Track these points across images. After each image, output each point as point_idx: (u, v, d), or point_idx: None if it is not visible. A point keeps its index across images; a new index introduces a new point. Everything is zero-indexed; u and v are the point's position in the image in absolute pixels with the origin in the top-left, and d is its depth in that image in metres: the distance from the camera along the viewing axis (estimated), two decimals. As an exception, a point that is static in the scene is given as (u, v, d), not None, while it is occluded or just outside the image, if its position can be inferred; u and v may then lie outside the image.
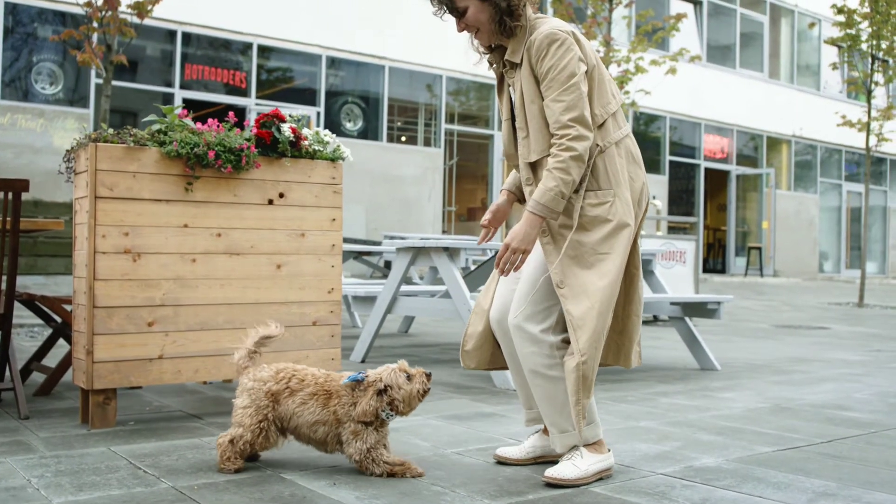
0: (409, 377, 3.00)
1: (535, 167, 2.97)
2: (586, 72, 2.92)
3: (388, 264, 10.92)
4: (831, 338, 8.90)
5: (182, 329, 3.79)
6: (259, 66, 15.14)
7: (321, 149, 4.20)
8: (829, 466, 3.21)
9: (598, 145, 2.93)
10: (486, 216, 3.20)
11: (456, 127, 17.90)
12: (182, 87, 14.19)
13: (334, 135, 4.30)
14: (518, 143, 3.02)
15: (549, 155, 2.88)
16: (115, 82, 12.41)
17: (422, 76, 17.31)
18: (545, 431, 3.19)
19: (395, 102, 17.01)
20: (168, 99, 14.06)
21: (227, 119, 4.00)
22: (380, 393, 2.96)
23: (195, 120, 3.96)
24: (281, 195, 4.06)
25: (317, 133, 4.21)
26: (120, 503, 2.60)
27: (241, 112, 14.37)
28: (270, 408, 2.99)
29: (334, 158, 4.25)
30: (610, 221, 2.90)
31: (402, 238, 10.00)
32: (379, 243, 10.07)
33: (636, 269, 3.07)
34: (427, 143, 17.55)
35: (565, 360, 2.85)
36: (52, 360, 5.32)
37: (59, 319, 4.73)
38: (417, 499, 2.70)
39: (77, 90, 13.41)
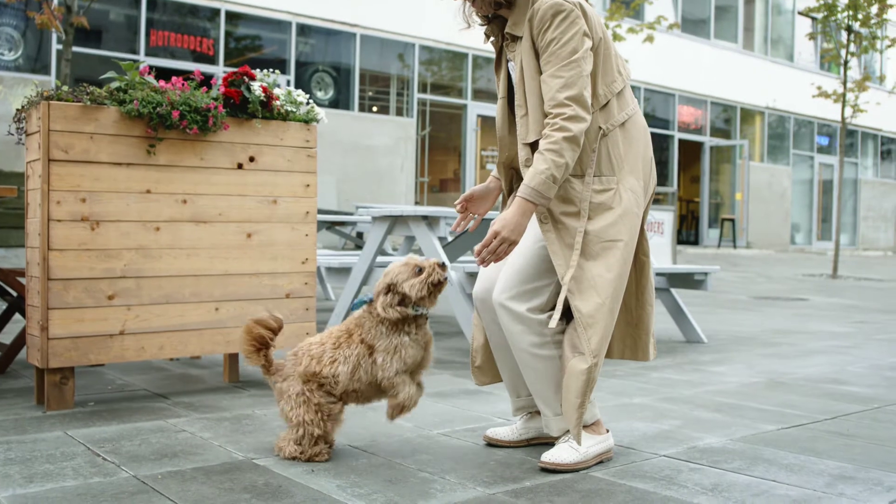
0: (420, 269, 2.69)
1: (534, 148, 2.69)
2: (592, 47, 2.66)
3: (360, 235, 10.66)
4: (811, 309, 8.78)
5: (145, 302, 3.52)
6: (227, 34, 14.72)
7: (294, 110, 3.93)
8: (839, 446, 3.01)
9: (600, 128, 2.69)
10: (462, 199, 2.92)
11: (429, 96, 17.58)
12: (148, 54, 13.75)
13: (308, 95, 4.03)
14: (516, 121, 2.76)
15: None
16: (78, 49, 11.98)
17: (394, 45, 16.96)
18: (536, 413, 2.97)
19: (367, 71, 16.65)
20: (132, 66, 13.59)
21: (192, 76, 3.72)
22: (388, 290, 2.68)
23: (158, 78, 3.67)
24: (251, 159, 3.79)
25: (289, 93, 3.93)
26: (74, 496, 2.34)
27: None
28: (314, 392, 2.71)
29: (308, 120, 3.97)
30: (613, 209, 2.67)
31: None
32: (351, 214, 9.80)
33: (645, 256, 2.84)
34: (399, 112, 17.23)
35: (573, 362, 2.62)
36: (7, 336, 5.02)
37: (14, 293, 4.43)
38: (404, 486, 2.47)
39: (38, 58, 12.95)
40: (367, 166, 16.22)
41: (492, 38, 2.86)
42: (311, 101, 4.04)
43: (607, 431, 2.80)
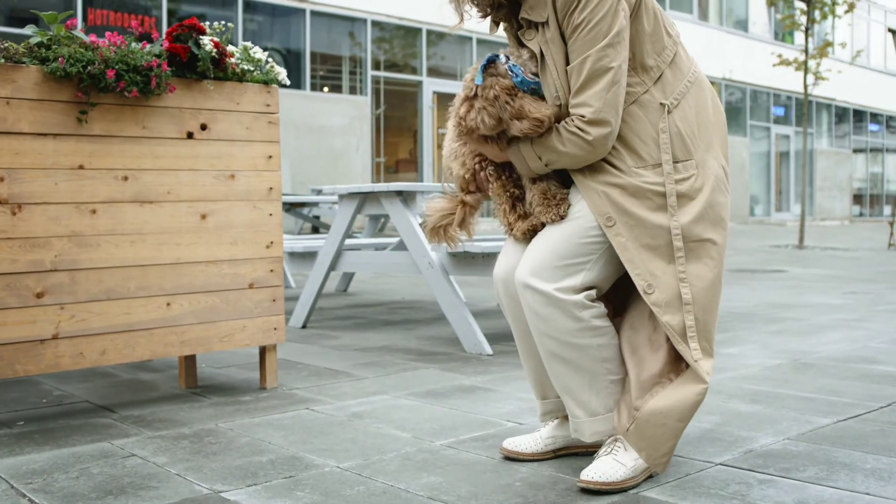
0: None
1: None
2: (631, 13, 2.14)
3: (317, 218, 10.10)
4: (795, 280, 8.42)
5: (82, 300, 2.95)
6: (170, 12, 13.96)
7: (252, 69, 3.37)
8: (915, 441, 2.56)
9: (662, 104, 2.19)
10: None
11: (383, 73, 16.97)
12: (85, 33, 12.93)
13: (266, 52, 3.47)
14: None
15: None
16: (8, 30, 11.20)
17: (345, 20, 16.30)
18: (564, 418, 2.47)
19: (318, 48, 15.99)
20: (69, 47, 12.81)
21: (130, 29, 3.14)
22: (468, 99, 2.21)
23: (88, 33, 3.08)
24: (203, 127, 3.22)
25: (245, 49, 3.37)
26: (-11, 558, 1.79)
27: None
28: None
29: (268, 81, 3.42)
30: (696, 200, 2.19)
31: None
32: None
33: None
34: (353, 91, 16.61)
35: (684, 380, 2.20)
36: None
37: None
38: (415, 522, 1.96)
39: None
40: (321, 147, 15.59)
41: (504, 25, 2.33)
42: (270, 59, 3.48)
43: (653, 438, 2.31)
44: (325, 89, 16.25)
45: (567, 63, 2.15)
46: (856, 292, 7.27)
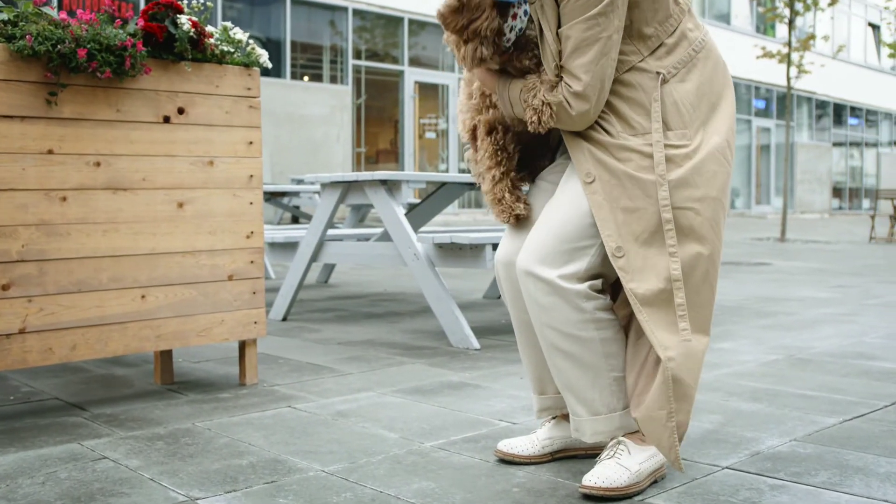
0: None
1: None
2: None
3: (297, 208, 9.94)
4: (780, 273, 8.34)
5: (51, 292, 2.79)
6: (146, 1, 13.72)
7: (231, 50, 3.21)
8: (926, 443, 2.46)
9: (658, 73, 2.05)
10: None
11: (364, 63, 16.78)
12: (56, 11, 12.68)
13: (247, 33, 3.31)
14: None
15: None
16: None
17: (326, 9, 16.09)
18: (563, 417, 2.34)
19: (299, 37, 15.77)
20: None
21: (104, 6, 2.98)
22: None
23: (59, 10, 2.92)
24: (180, 111, 3.07)
25: (225, 29, 3.21)
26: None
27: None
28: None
29: (249, 63, 3.26)
30: (683, 166, 2.03)
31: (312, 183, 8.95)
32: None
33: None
34: (334, 80, 16.41)
35: (692, 342, 2.04)
36: None
37: None
38: (408, 532, 1.83)
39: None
40: (301, 137, 15.40)
41: None
42: (252, 41, 3.33)
43: (659, 441, 2.19)
44: (306, 78, 16.04)
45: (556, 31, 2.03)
46: (843, 286, 7.20)
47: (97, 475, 2.20)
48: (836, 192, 30.55)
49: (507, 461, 2.30)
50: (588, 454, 2.32)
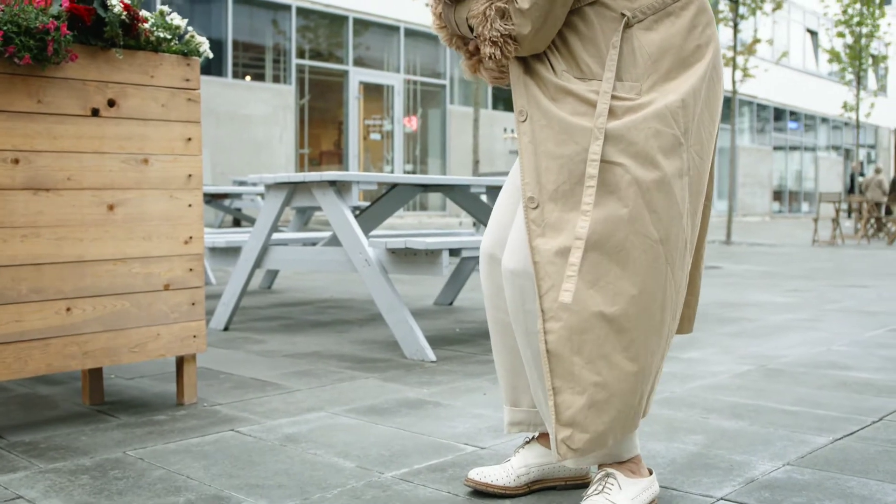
0: None
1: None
2: None
3: (239, 210, 9.61)
4: (733, 277, 8.26)
5: (-38, 305, 2.48)
6: (80, -9, 13.19)
7: (168, 37, 2.92)
8: (928, 465, 2.28)
9: (623, 15, 1.82)
10: None
11: (307, 62, 16.43)
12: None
13: (186, 18, 3.03)
14: None
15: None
16: None
17: (268, 7, 15.72)
18: (540, 439, 2.11)
19: (241, 36, 15.38)
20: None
21: (21, -14, 2.67)
22: None
23: None
24: (111, 103, 2.77)
25: (161, 14, 2.92)
26: None
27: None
28: None
29: (188, 52, 2.98)
30: (620, 119, 1.78)
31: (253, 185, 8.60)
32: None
33: (708, 200, 2.01)
34: (277, 80, 16.03)
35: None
36: None
37: None
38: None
39: None
40: (242, 137, 15.00)
41: None
42: (190, 27, 3.05)
43: (651, 473, 1.96)
44: (248, 77, 15.65)
45: None
46: (797, 290, 7.12)
47: (9, 519, 1.91)
48: (777, 195, 30.95)
49: (481, 492, 2.05)
50: (568, 485, 2.09)
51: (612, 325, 1.76)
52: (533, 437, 2.12)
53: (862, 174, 29.35)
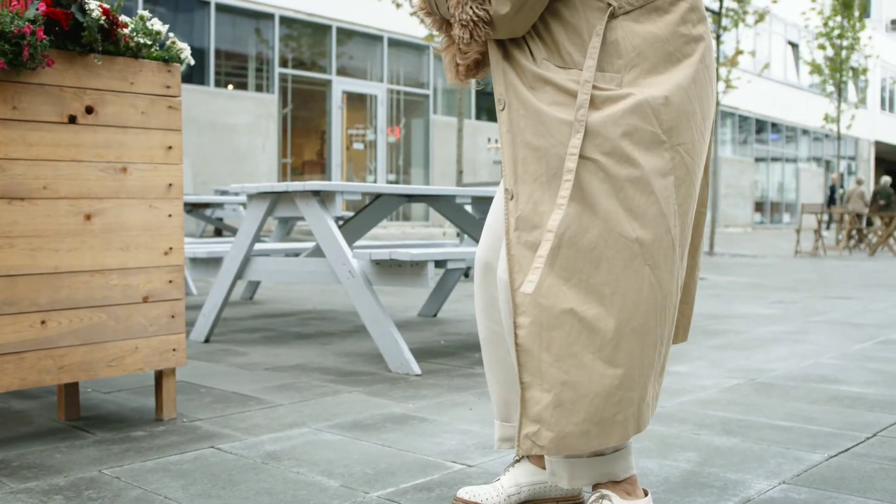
0: None
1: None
2: None
3: (220, 220, 9.51)
4: (717, 289, 8.24)
5: (-68, 318, 2.40)
6: None
7: (148, 43, 2.85)
8: (926, 484, 2.23)
9: (609, 4, 1.76)
10: None
11: (290, 71, 16.36)
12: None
13: (167, 25, 2.96)
14: None
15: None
16: None
17: (251, 15, 15.65)
18: (531, 458, 2.04)
19: (223, 45, 15.29)
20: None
21: (-4, -11, 2.59)
22: None
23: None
24: (89, 110, 2.70)
25: (141, 19, 2.85)
26: None
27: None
28: None
29: (169, 58, 2.91)
30: (599, 111, 1.72)
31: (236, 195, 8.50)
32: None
33: (703, 206, 1.95)
34: (260, 88, 15.94)
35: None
36: None
37: None
38: None
39: None
40: (225, 146, 14.90)
41: None
42: (171, 34, 2.98)
43: (646, 494, 1.90)
44: (230, 86, 15.56)
45: None
46: (782, 301, 7.11)
47: (-23, 544, 1.83)
48: (758, 206, 31.09)
49: (469, 514, 1.99)
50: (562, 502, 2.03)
51: (583, 324, 1.70)
52: (523, 456, 2.06)
53: (842, 186, 29.54)
